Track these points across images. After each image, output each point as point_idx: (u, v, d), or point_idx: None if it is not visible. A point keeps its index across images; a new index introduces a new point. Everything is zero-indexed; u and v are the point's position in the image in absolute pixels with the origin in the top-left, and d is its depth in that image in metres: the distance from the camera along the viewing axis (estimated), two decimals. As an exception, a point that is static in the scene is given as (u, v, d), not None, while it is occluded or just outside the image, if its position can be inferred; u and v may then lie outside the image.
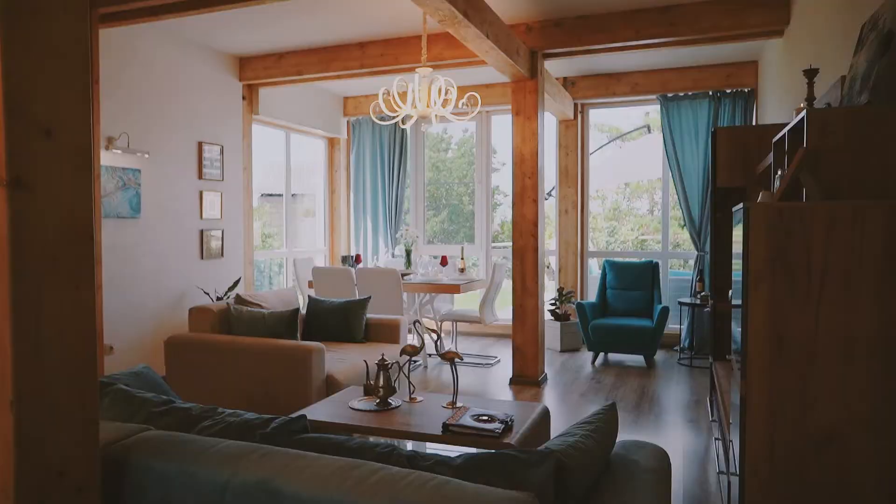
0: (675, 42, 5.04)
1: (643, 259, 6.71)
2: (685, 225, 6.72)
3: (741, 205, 2.17)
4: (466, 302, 8.43)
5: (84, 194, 1.36)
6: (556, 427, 4.10)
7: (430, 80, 4.62)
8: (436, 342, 3.07)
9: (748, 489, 2.12)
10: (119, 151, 4.88)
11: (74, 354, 1.40)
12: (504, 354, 6.56)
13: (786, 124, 4.12)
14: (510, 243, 5.49)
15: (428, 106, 4.63)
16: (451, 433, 2.61)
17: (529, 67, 5.13)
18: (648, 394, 5.05)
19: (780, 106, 4.88)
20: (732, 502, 2.57)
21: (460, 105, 4.78)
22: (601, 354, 6.37)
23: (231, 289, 5.77)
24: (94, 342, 1.51)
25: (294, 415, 3.07)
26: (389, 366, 3.03)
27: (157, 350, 5.22)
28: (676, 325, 6.84)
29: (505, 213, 10.10)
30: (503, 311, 6.87)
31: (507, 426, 2.66)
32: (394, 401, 3.07)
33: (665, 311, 5.91)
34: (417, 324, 3.15)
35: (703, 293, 6.20)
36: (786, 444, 2.06)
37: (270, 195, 7.83)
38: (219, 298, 5.66)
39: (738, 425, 2.55)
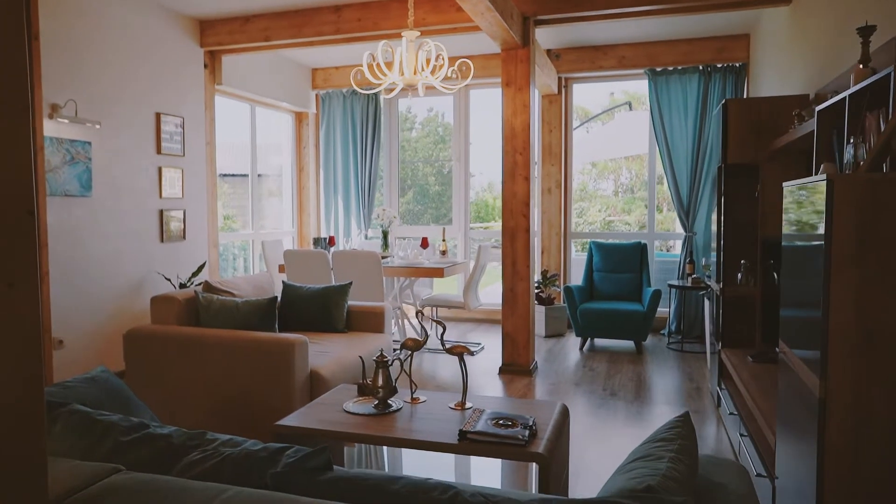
0: (676, 9, 4.72)
1: (631, 240, 6.47)
2: (673, 204, 6.49)
3: (820, 176, 1.86)
4: (444, 286, 8.09)
5: (19, 152, 0.95)
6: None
7: (419, 44, 4.20)
8: (441, 334, 2.72)
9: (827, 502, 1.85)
10: (65, 121, 4.33)
11: (9, 373, 1.00)
12: (486, 340, 6.26)
13: (805, 95, 3.89)
14: (484, 224, 5.15)
15: (415, 73, 4.22)
16: (469, 442, 2.27)
17: (522, 34, 4.76)
18: (646, 382, 4.81)
19: (785, 78, 4.63)
20: (782, 511, 2.31)
21: (450, 73, 4.38)
22: (588, 340, 6.12)
23: (195, 274, 5.28)
24: (38, 355, 1.10)
25: (277, 415, 2.67)
26: (390, 363, 2.66)
27: (114, 342, 4.73)
28: (662, 309, 6.63)
29: (472, 193, 9.75)
30: (483, 295, 6.55)
31: (532, 431, 2.33)
32: (394, 402, 2.71)
33: (657, 294, 5.68)
34: (420, 314, 2.79)
35: (693, 275, 6.00)
36: (876, 454, 1.78)
37: (229, 175, 7.27)
38: (182, 285, 5.17)
39: (788, 426, 2.28)
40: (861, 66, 2.38)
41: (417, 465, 3.32)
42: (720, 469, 1.59)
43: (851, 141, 2.04)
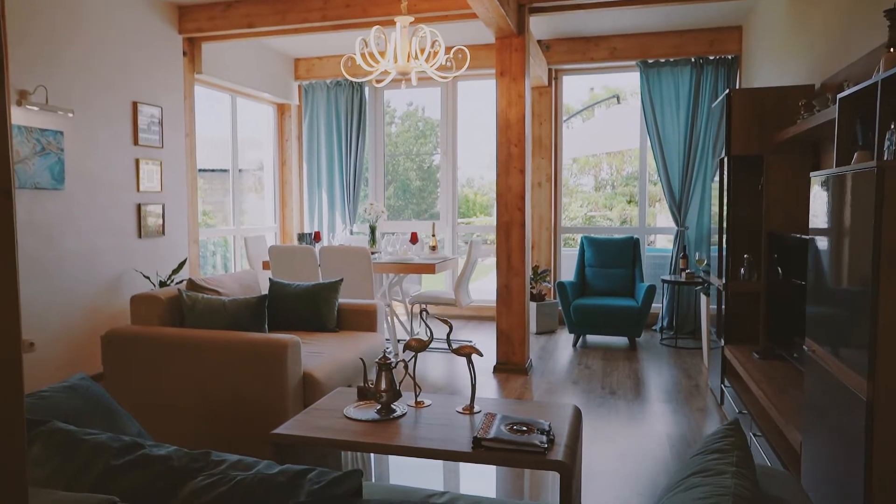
0: (674, -3, 4.61)
1: (623, 235, 6.37)
2: (665, 198, 6.40)
3: (868, 165, 1.74)
4: (432, 282, 7.94)
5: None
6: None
7: (413, 30, 4.03)
8: (448, 334, 2.56)
9: (872, 514, 1.73)
10: (35, 108, 4.06)
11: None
12: (476, 338, 6.12)
13: (810, 86, 3.80)
14: (466, 219, 5.00)
15: (408, 61, 4.05)
16: (484, 450, 2.12)
17: (517, 21, 4.61)
18: (644, 380, 4.70)
19: (784, 69, 4.55)
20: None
21: (446, 62, 4.21)
22: (580, 336, 6.00)
23: (176, 271, 5.04)
24: (18, 364, 0.92)
25: (270, 421, 2.46)
26: (394, 365, 2.50)
27: (89, 344, 4.49)
28: (654, 304, 6.55)
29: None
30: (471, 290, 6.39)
31: (549, 437, 2.19)
32: (398, 407, 2.54)
33: (651, 290, 5.59)
34: (425, 312, 2.64)
35: (687, 270, 5.91)
36: (926, 460, 1.67)
37: (207, 170, 6.97)
38: (162, 283, 4.93)
39: (818, 427, 2.17)
40: (891, 49, 2.27)
41: (406, 467, 3.17)
42: (773, 480, 1.46)
43: (892, 127, 1.93)
